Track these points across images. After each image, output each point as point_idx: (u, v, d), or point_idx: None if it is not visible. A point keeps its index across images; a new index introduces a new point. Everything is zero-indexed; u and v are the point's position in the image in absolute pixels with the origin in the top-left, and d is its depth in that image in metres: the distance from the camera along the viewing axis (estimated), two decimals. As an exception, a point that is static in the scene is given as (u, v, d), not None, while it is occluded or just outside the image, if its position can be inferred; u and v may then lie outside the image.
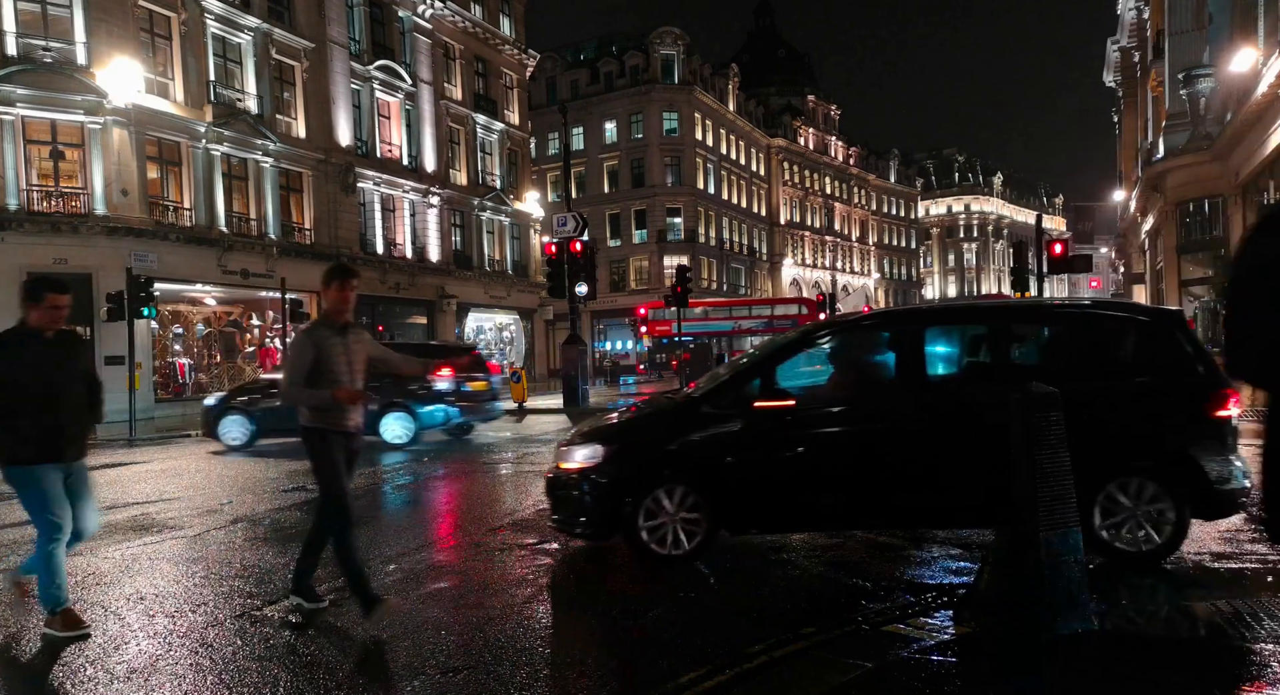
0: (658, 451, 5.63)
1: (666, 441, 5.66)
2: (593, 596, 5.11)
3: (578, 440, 5.87)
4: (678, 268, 27.00)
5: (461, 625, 4.53)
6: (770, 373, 5.78)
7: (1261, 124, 18.02)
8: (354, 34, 30.99)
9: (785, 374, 5.92)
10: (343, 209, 29.82)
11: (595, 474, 5.57)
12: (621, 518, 5.46)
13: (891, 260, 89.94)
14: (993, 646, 3.94)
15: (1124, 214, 40.86)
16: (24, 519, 7.99)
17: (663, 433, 5.77)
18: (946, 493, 5.42)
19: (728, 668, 3.74)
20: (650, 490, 5.45)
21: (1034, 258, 22.12)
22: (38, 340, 4.48)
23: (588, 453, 5.66)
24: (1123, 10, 35.90)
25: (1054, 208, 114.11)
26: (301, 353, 4.57)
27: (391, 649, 4.20)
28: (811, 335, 6.08)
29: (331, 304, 4.71)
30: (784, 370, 5.90)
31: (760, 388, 5.67)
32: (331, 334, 4.63)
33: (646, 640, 4.27)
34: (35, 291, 4.51)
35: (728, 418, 5.58)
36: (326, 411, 4.60)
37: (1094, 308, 6.52)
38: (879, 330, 6.35)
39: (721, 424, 5.58)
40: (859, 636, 4.14)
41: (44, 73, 21.36)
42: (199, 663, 4.10)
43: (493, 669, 3.88)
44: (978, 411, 5.37)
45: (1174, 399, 5.44)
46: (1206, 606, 4.33)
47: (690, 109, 56.35)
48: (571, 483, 5.65)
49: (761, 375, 5.76)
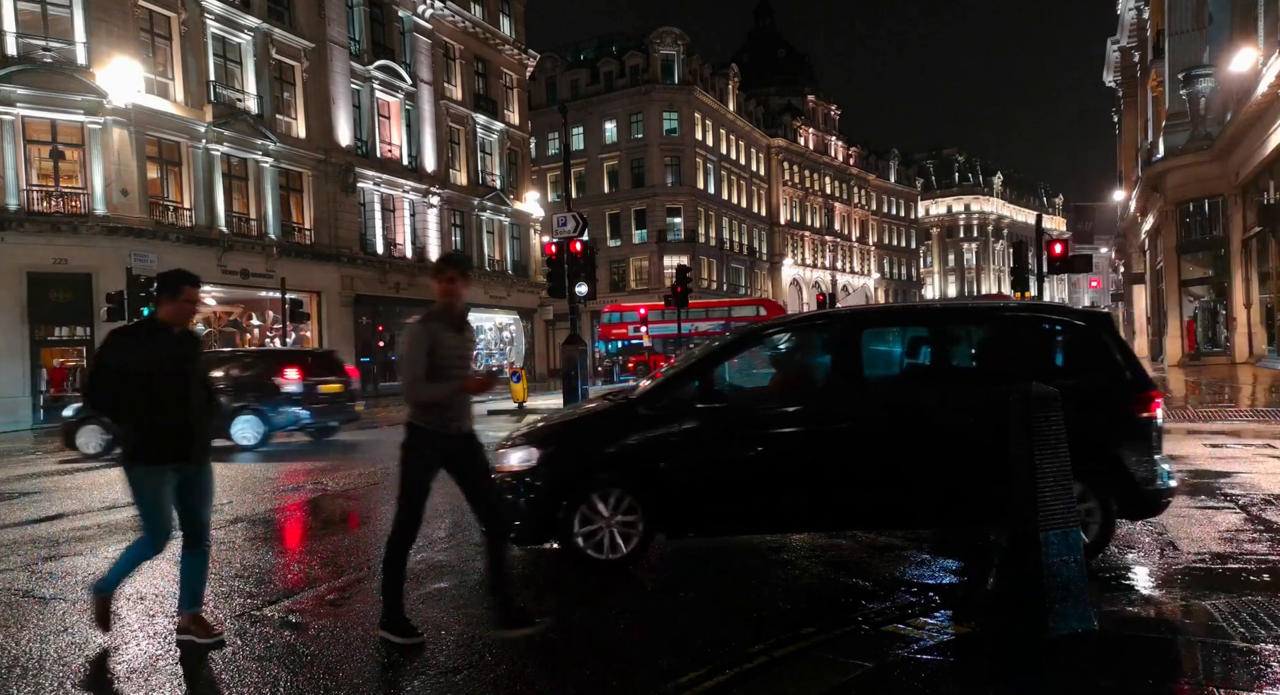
0: (594, 454, 5.54)
1: (604, 444, 5.56)
2: (591, 596, 5.11)
3: (513, 443, 5.72)
4: (678, 268, 26.99)
5: (461, 625, 4.53)
6: (709, 374, 5.73)
7: (1261, 124, 18.02)
8: (354, 34, 31.00)
9: (730, 374, 5.89)
10: (343, 209, 29.82)
11: (530, 477, 5.45)
12: (556, 522, 5.35)
13: (891, 260, 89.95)
14: (992, 646, 3.94)
15: (1124, 214, 40.86)
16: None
17: (599, 435, 5.67)
18: (883, 493, 5.45)
19: (728, 668, 3.74)
20: (586, 494, 5.35)
21: (1034, 258, 22.11)
22: (168, 335, 4.23)
23: (523, 455, 5.54)
24: (1123, 10, 35.89)
25: (1054, 208, 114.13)
26: (417, 344, 4.21)
27: (391, 649, 4.20)
28: (752, 336, 6.07)
29: (442, 297, 4.31)
30: (726, 371, 5.88)
31: (699, 389, 5.60)
32: (446, 328, 4.27)
33: (646, 640, 4.27)
34: (172, 284, 4.21)
35: (666, 419, 5.49)
36: (441, 410, 4.25)
37: (1028, 310, 6.68)
38: (818, 331, 6.36)
39: (659, 426, 5.49)
40: (859, 636, 4.14)
41: (44, 73, 21.37)
42: (199, 663, 4.10)
43: (493, 669, 3.88)
44: (913, 412, 5.46)
45: (1102, 401, 5.49)
46: (1208, 607, 4.33)
47: (690, 109, 56.37)
48: (506, 486, 5.43)
49: (700, 376, 5.69)
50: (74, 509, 8.57)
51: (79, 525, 7.65)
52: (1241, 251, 21.67)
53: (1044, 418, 3.99)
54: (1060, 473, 3.99)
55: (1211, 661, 3.62)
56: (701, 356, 5.99)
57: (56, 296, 21.86)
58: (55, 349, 22.70)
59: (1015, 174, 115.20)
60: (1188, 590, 4.70)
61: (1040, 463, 3.96)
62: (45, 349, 22.23)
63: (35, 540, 7.07)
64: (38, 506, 8.83)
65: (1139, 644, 3.86)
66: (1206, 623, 4.09)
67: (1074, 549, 3.95)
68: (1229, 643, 3.80)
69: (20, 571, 5.99)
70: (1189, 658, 3.73)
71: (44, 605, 5.12)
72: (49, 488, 10.23)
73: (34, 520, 8.00)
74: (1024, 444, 4.01)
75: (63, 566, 6.09)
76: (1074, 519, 4.00)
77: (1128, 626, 4.09)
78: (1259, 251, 20.58)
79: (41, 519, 8.04)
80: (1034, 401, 4.00)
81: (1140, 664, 3.63)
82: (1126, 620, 4.19)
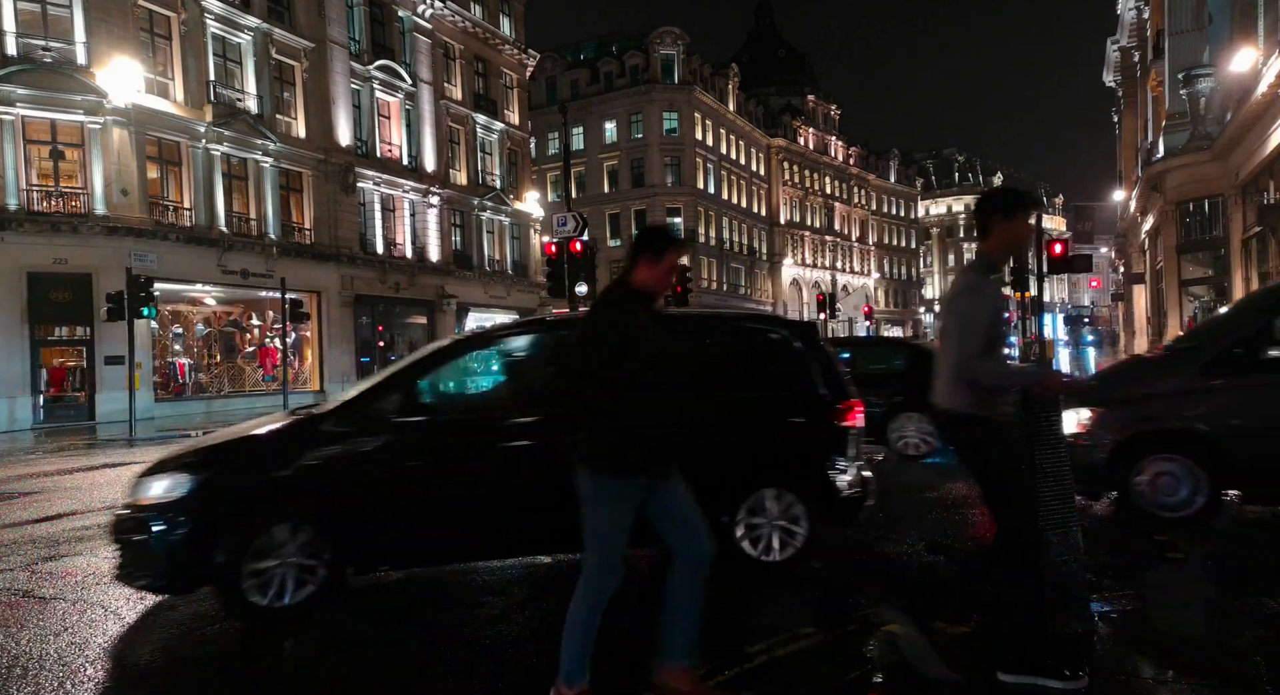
0: (262, 481, 4.69)
1: (276, 468, 4.71)
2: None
3: (160, 468, 4.78)
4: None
5: (461, 626, 4.53)
6: (412, 386, 5.07)
7: (1261, 124, 18.01)
8: (354, 34, 30.99)
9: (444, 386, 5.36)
10: (343, 209, 29.81)
11: (175, 512, 4.50)
12: (213, 566, 4.43)
13: (891, 260, 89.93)
14: (993, 646, 3.94)
15: (1124, 214, 40.85)
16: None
17: (270, 458, 4.81)
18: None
19: (728, 668, 3.74)
20: (253, 529, 4.49)
21: (1034, 258, 22.12)
22: (648, 309, 3.27)
23: (167, 485, 4.59)
24: (1123, 10, 35.88)
25: (1054, 208, 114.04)
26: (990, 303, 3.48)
27: (391, 650, 4.20)
28: (465, 343, 5.50)
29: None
30: (435, 383, 5.30)
31: (400, 401, 4.96)
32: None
33: (646, 640, 4.27)
34: (655, 243, 3.27)
35: (356, 436, 4.79)
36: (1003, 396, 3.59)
37: (734, 319, 6.67)
38: (534, 337, 5.77)
39: (348, 443, 4.78)
40: (859, 636, 4.14)
41: (44, 73, 21.35)
42: (199, 662, 4.10)
43: (493, 671, 3.88)
44: None
45: (807, 410, 5.51)
46: (1208, 607, 4.33)
47: (690, 109, 56.37)
48: (141, 524, 4.53)
49: (402, 389, 5.02)
50: (74, 509, 8.57)
51: (79, 525, 7.65)
52: (1241, 251, 21.67)
53: (1044, 418, 3.99)
54: (1061, 473, 3.98)
55: (1213, 661, 3.61)
56: (406, 365, 5.33)
57: (56, 296, 21.84)
58: (55, 349, 22.68)
59: (1015, 174, 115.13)
60: (1190, 591, 4.66)
61: (1040, 463, 3.96)
62: (45, 349, 22.21)
63: (35, 540, 7.07)
64: (38, 506, 8.83)
65: (1141, 644, 3.85)
66: (1208, 623, 4.07)
67: (1075, 549, 3.95)
68: (1232, 643, 3.78)
69: (20, 571, 5.99)
70: (1191, 658, 3.73)
71: (44, 605, 5.12)
72: (49, 488, 10.23)
73: (34, 520, 8.00)
74: (1024, 444, 4.01)
75: (63, 566, 6.09)
76: (1074, 519, 3.99)
77: (1130, 627, 4.08)
78: (1259, 251, 20.58)
79: (41, 519, 8.04)
80: (1034, 402, 4.00)
81: (1142, 663, 3.62)
82: (1128, 621, 4.17)
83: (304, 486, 4.70)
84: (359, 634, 4.46)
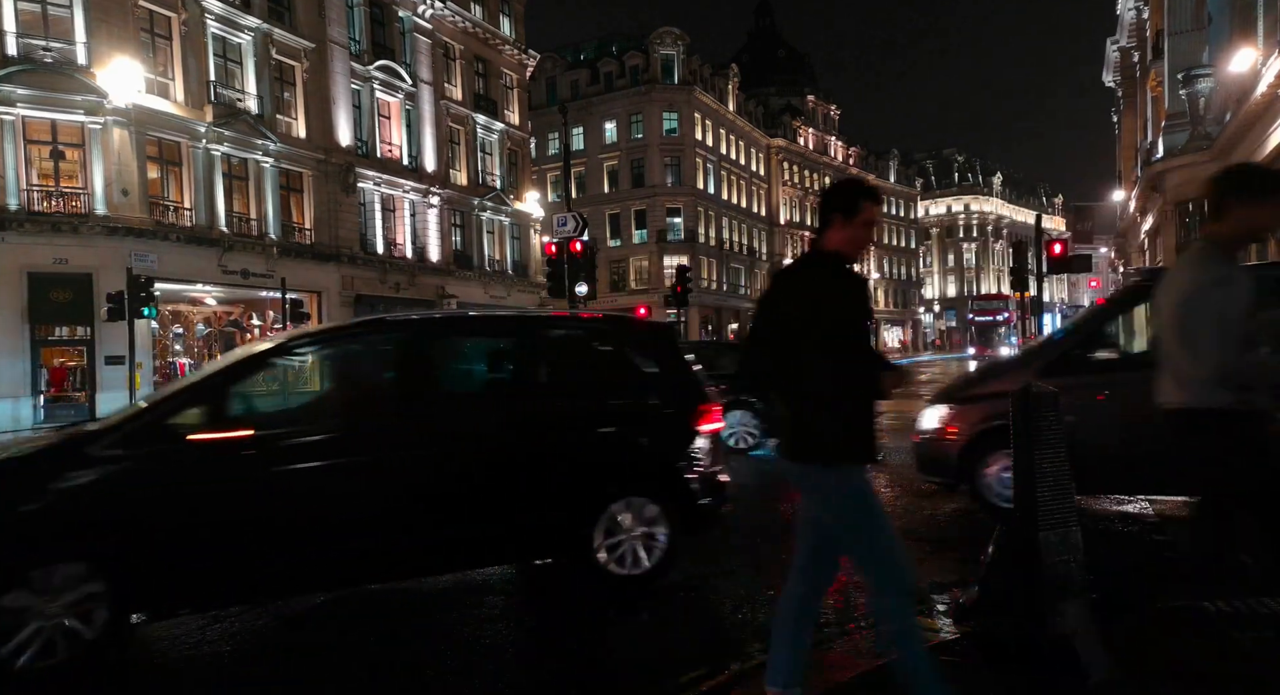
0: (12, 517, 3.88)
1: (26, 501, 3.92)
2: (591, 597, 5.11)
3: None
4: (678, 268, 27.00)
5: (461, 626, 4.53)
6: (221, 395, 4.43)
7: (1261, 124, 18.02)
8: (354, 34, 31.00)
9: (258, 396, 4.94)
10: (343, 209, 29.82)
11: None
12: None
13: (891, 260, 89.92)
14: (992, 647, 3.95)
15: (1124, 214, 40.86)
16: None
17: (23, 490, 3.97)
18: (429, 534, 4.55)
19: (727, 668, 3.75)
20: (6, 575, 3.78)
21: (1033, 258, 22.13)
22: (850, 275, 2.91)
23: None
24: (1122, 10, 35.89)
25: (1054, 208, 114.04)
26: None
27: (391, 650, 4.20)
28: (284, 347, 4.82)
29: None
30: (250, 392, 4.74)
31: (203, 416, 4.28)
32: None
33: (646, 640, 4.28)
34: (846, 197, 2.87)
35: (142, 458, 4.11)
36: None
37: (590, 322, 6.33)
38: (355, 343, 5.29)
39: (127, 465, 4.08)
40: (859, 636, 4.14)
41: (44, 73, 21.36)
42: (198, 662, 4.10)
43: (492, 670, 3.88)
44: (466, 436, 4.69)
45: (668, 415, 5.31)
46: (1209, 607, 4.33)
47: (690, 109, 56.35)
48: None
49: (204, 400, 4.37)
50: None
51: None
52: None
53: (1044, 417, 3.99)
54: (1060, 473, 3.99)
55: (1214, 662, 3.62)
56: (206, 374, 4.72)
57: (57, 296, 21.85)
58: (56, 349, 22.69)
59: (1015, 174, 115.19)
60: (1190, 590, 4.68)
61: (1040, 463, 3.96)
62: (45, 348, 22.23)
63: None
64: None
65: (1141, 643, 3.86)
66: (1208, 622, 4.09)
67: (1074, 549, 3.95)
68: (1236, 642, 3.80)
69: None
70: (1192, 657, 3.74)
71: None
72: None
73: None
74: (1024, 444, 4.01)
75: None
76: (1073, 519, 4.00)
77: (1130, 626, 4.09)
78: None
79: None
80: (1034, 401, 4.00)
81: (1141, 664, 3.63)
82: (1127, 621, 4.19)
83: (71, 522, 3.94)
84: (359, 634, 4.47)
